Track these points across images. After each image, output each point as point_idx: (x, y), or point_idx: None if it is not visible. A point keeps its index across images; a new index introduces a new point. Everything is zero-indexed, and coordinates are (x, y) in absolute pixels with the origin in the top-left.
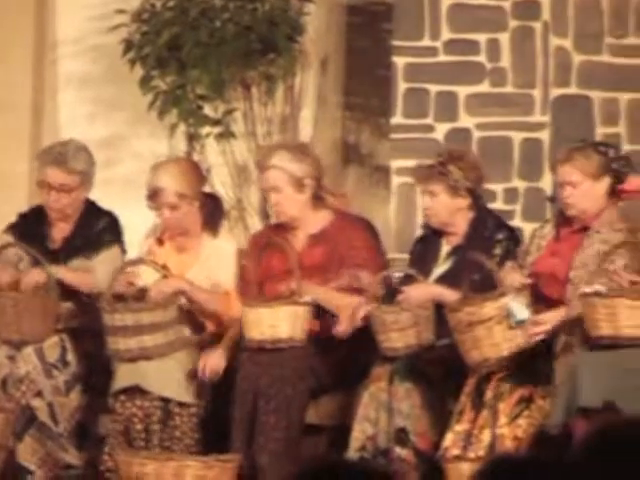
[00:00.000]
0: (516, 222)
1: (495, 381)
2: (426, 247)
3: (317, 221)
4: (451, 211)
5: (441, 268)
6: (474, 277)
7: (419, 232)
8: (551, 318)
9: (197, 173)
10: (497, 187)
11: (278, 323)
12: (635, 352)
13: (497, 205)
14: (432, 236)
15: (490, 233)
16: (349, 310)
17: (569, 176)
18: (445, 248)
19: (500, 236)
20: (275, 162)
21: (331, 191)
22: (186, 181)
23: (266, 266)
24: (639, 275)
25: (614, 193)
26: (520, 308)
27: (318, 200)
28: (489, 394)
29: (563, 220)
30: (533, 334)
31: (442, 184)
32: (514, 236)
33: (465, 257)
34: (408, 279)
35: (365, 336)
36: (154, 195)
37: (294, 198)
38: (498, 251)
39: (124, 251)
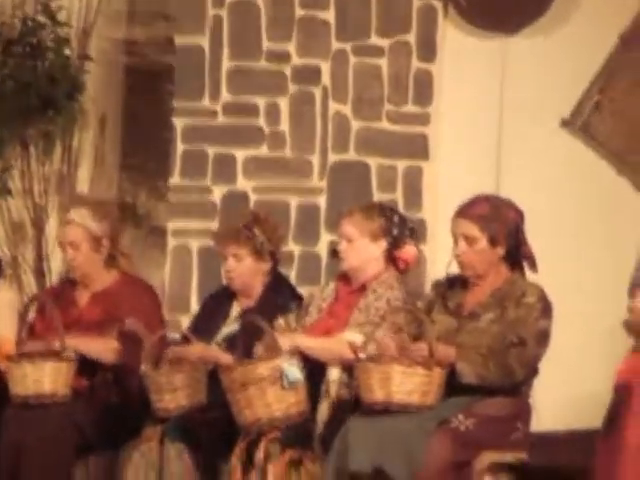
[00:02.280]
0: None
1: (265, 442)
2: (217, 306)
3: (104, 280)
4: (254, 274)
5: (228, 328)
6: (252, 340)
7: (199, 294)
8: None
9: None
10: None
11: (42, 379)
12: (404, 418)
13: None
14: (224, 295)
15: (283, 301)
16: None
17: (347, 231)
18: (236, 309)
19: (292, 306)
20: (76, 218)
21: (122, 252)
22: None
23: (49, 321)
24: (415, 341)
25: (392, 258)
26: (293, 370)
27: (110, 260)
28: (259, 455)
29: (343, 281)
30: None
31: (248, 247)
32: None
33: (248, 319)
34: (185, 341)
35: (137, 395)
36: None
37: (90, 256)
38: (282, 321)
39: None
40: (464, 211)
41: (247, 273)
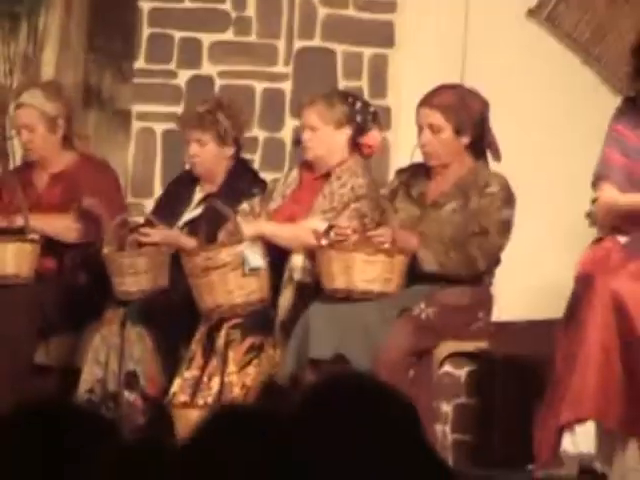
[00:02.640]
0: None
1: (226, 329)
2: (179, 190)
3: (61, 161)
4: (217, 160)
5: (191, 213)
6: (215, 225)
7: (163, 178)
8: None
9: None
10: None
11: (5, 260)
12: (366, 305)
13: None
14: (187, 180)
15: (246, 186)
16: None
17: (310, 120)
18: (199, 194)
19: (255, 190)
20: (29, 100)
21: (77, 133)
22: None
23: (8, 204)
24: (378, 228)
25: (356, 145)
26: (254, 256)
27: (66, 141)
28: (220, 341)
29: (307, 167)
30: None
31: (211, 133)
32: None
33: (211, 204)
34: (148, 224)
35: (99, 278)
36: None
37: (46, 137)
38: (246, 205)
39: None
40: (429, 100)
41: (210, 158)
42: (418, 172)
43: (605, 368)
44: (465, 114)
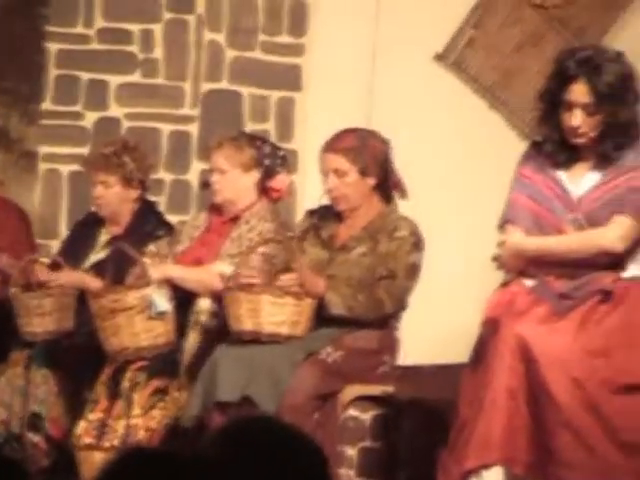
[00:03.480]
0: None
1: (132, 371)
2: (85, 232)
3: None
4: (122, 201)
5: (96, 256)
6: (121, 267)
7: (69, 219)
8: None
9: None
10: None
11: None
12: (273, 348)
13: None
14: (93, 221)
15: (151, 229)
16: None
17: (218, 163)
18: (104, 237)
19: (160, 233)
20: None
21: None
22: None
23: None
24: (286, 272)
25: (264, 189)
26: (161, 300)
27: None
28: (125, 384)
29: (216, 211)
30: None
31: (117, 175)
32: (172, 233)
33: (118, 247)
34: (55, 266)
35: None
36: None
37: None
38: (153, 247)
39: None
40: (331, 145)
41: (115, 200)
42: (328, 214)
43: (511, 413)
44: (368, 155)
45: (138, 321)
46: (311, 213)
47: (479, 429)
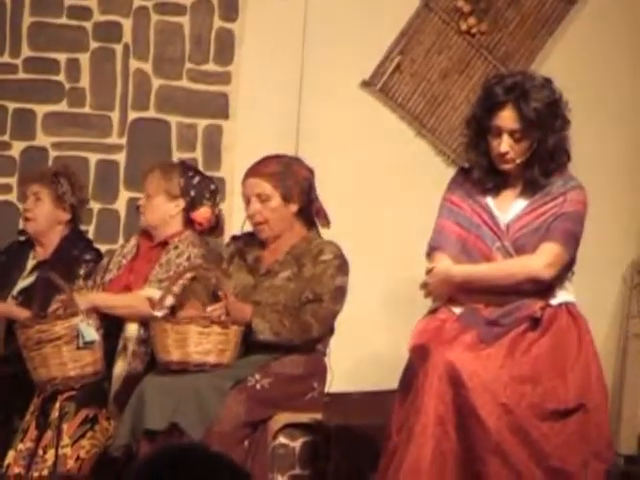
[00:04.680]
0: None
1: (60, 401)
2: (13, 258)
3: None
4: (51, 221)
5: (24, 281)
6: (48, 295)
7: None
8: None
9: None
10: None
11: None
12: (200, 377)
13: None
14: (20, 248)
15: (79, 253)
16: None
17: (147, 188)
18: (31, 262)
19: (87, 257)
20: None
21: None
22: None
23: None
24: (203, 304)
25: (189, 219)
26: (89, 330)
27: None
28: (54, 414)
29: (145, 236)
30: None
31: (50, 190)
32: (100, 258)
33: (45, 275)
34: None
35: None
36: None
37: None
38: (82, 272)
39: None
40: (255, 170)
41: (44, 217)
42: (252, 240)
43: (441, 439)
44: (292, 181)
45: (66, 351)
46: (235, 238)
47: (409, 455)
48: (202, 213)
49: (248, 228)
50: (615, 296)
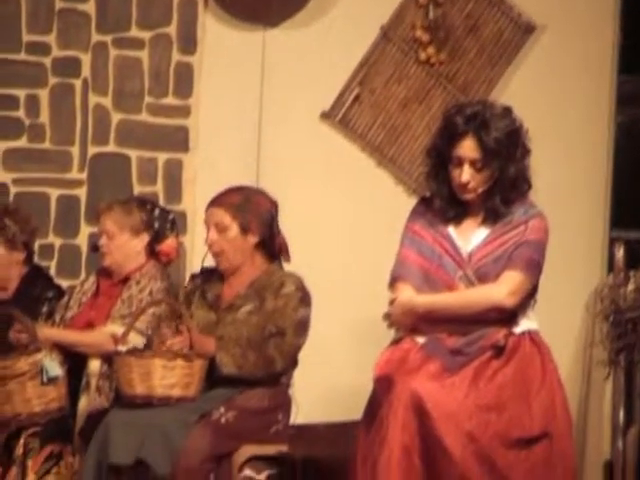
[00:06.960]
0: None
1: (25, 437)
2: None
3: None
4: (8, 264)
5: None
6: (8, 332)
7: None
8: None
9: None
10: None
11: None
12: (165, 411)
13: None
14: None
15: (40, 291)
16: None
17: (107, 226)
18: None
19: (49, 295)
20: None
21: None
22: None
23: None
24: (176, 332)
25: (153, 251)
26: (53, 365)
27: None
28: (18, 450)
29: (105, 274)
30: None
31: (0, 238)
32: (62, 295)
33: (6, 311)
34: None
35: None
36: None
37: None
38: (45, 309)
39: None
40: (217, 200)
41: (0, 264)
42: (212, 276)
43: (406, 469)
44: (252, 213)
45: (30, 387)
46: (195, 276)
47: None
48: (169, 244)
49: (210, 261)
50: (578, 324)
